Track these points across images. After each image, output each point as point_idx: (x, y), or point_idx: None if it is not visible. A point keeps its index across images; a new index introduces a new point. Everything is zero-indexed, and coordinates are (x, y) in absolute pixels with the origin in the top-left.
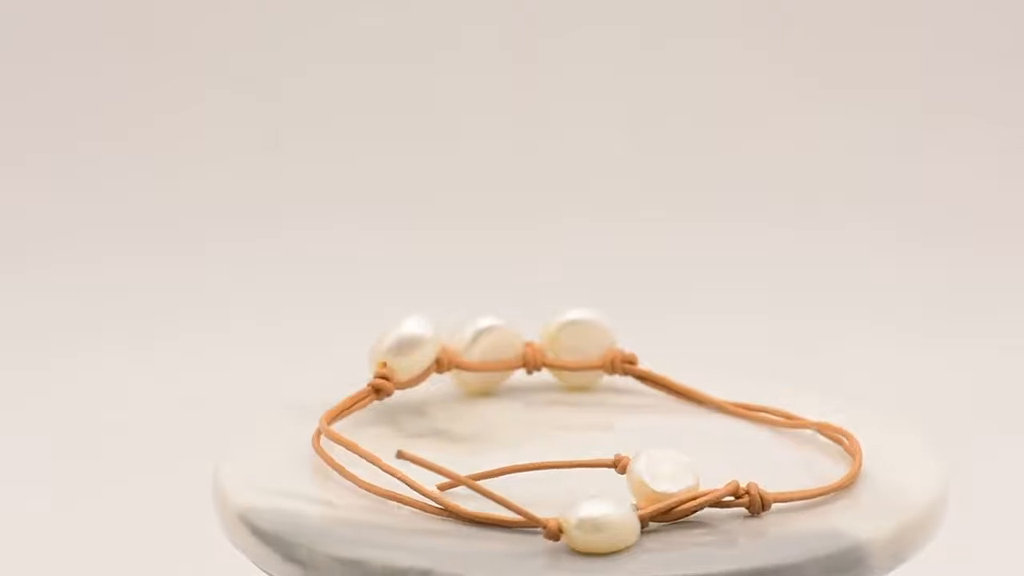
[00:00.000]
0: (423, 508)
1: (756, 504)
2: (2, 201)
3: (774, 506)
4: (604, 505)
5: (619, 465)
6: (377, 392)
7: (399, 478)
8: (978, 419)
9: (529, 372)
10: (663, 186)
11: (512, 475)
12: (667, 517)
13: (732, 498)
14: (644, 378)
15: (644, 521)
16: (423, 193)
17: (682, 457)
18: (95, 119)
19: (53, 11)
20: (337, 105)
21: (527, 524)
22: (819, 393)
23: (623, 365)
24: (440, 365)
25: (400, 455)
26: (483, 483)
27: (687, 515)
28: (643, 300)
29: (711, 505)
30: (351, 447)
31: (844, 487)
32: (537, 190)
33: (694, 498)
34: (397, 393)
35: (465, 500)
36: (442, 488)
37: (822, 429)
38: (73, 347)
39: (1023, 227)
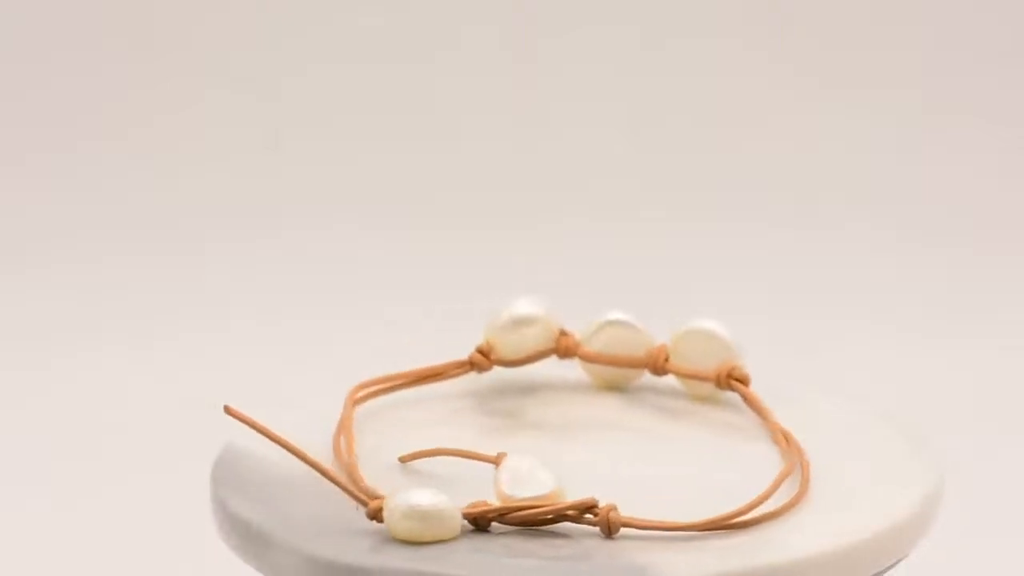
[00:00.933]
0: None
1: (603, 525)
2: (2, 201)
3: (653, 531)
4: (428, 495)
5: (498, 462)
6: (472, 365)
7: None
8: (978, 419)
9: (657, 374)
10: (663, 186)
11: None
12: (508, 520)
13: (575, 512)
14: (745, 398)
15: (470, 518)
16: (423, 193)
17: (542, 467)
18: (95, 119)
19: (53, 11)
20: (337, 105)
21: (358, 499)
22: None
23: (729, 380)
24: (561, 351)
25: (402, 459)
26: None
27: (529, 522)
28: (643, 300)
29: (559, 518)
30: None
31: (713, 527)
32: (537, 190)
33: (533, 507)
34: (517, 371)
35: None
36: (404, 460)
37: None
38: (73, 347)
39: (1023, 227)
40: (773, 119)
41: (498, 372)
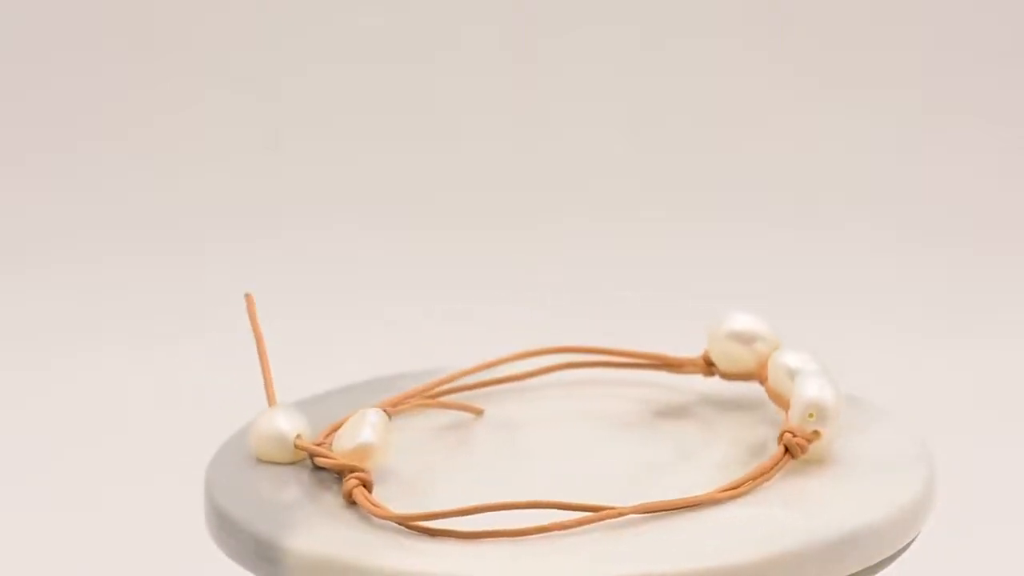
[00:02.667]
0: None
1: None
2: (2, 201)
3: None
4: (281, 421)
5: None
6: (708, 365)
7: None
8: (978, 419)
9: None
10: (663, 186)
11: None
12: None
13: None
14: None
15: (302, 450)
16: (423, 193)
17: (378, 424)
18: (95, 119)
19: (53, 11)
20: (337, 105)
21: None
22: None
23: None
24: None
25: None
26: None
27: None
28: (643, 300)
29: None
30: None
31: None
32: (537, 190)
33: (321, 455)
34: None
35: None
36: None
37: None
38: (73, 347)
39: (1023, 227)
40: (773, 119)
41: None
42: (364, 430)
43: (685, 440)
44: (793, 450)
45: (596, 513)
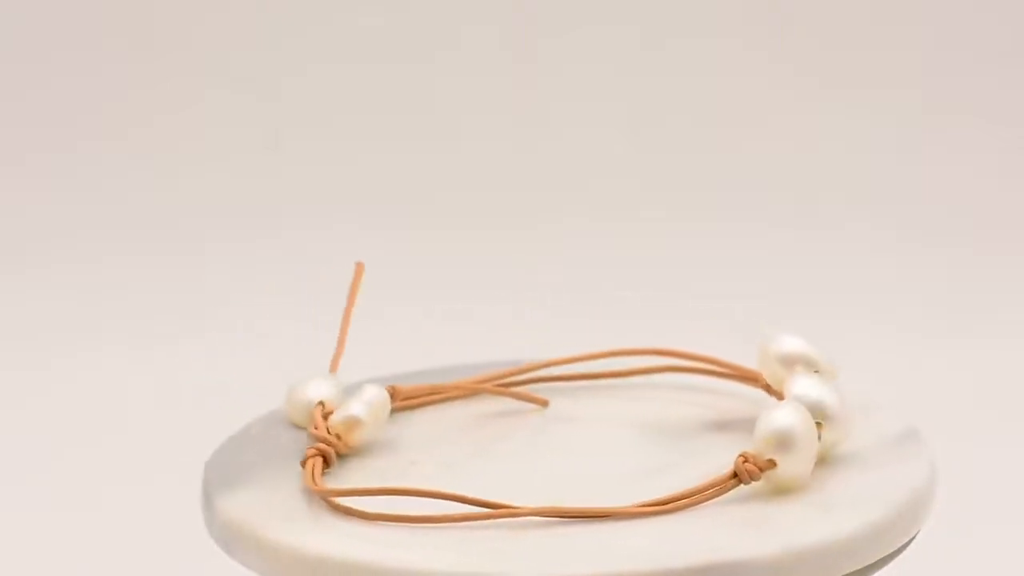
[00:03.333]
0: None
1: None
2: (2, 201)
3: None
4: (311, 389)
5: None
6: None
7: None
8: (978, 419)
9: None
10: (663, 186)
11: None
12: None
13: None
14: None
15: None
16: (423, 193)
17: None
18: (95, 119)
19: (53, 11)
20: (337, 105)
21: None
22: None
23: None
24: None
25: None
26: None
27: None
28: (643, 300)
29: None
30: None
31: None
32: (537, 190)
33: (314, 424)
34: None
35: None
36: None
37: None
38: (73, 347)
39: (1023, 227)
40: (773, 119)
41: None
42: (355, 404)
43: (708, 452)
44: (741, 475)
45: (492, 510)
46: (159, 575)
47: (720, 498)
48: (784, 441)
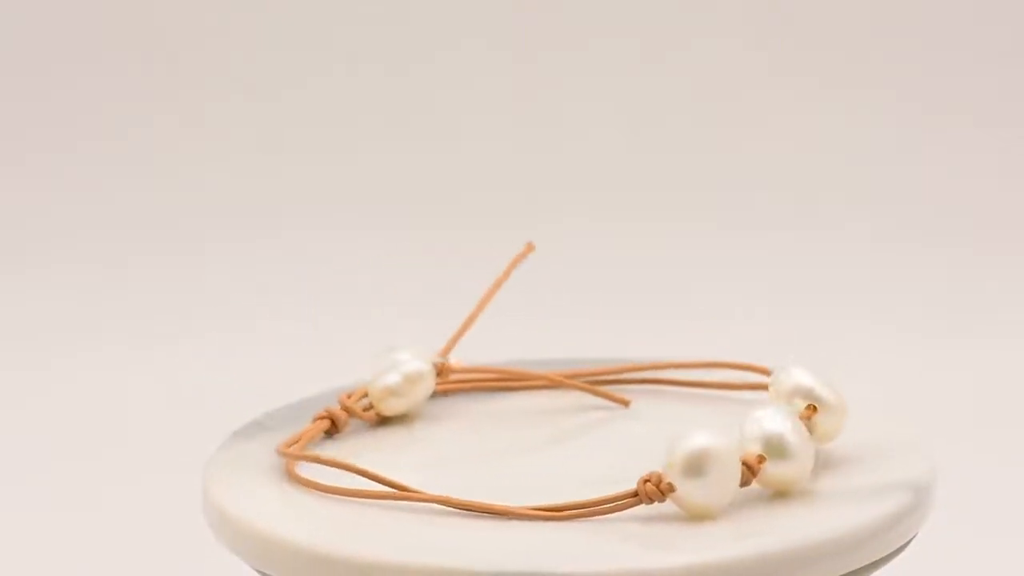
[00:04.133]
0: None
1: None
2: (2, 201)
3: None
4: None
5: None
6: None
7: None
8: (978, 419)
9: None
10: (663, 186)
11: None
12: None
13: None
14: None
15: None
16: (423, 193)
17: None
18: (95, 119)
19: (54, 12)
20: (337, 105)
21: None
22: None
23: None
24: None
25: None
26: None
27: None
28: (643, 300)
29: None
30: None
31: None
32: (537, 190)
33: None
34: None
35: None
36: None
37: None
38: (73, 347)
39: (1023, 227)
40: (773, 119)
41: None
42: (391, 373)
43: None
44: (641, 494)
45: (401, 492)
46: (159, 575)
47: (620, 513)
48: (693, 466)
